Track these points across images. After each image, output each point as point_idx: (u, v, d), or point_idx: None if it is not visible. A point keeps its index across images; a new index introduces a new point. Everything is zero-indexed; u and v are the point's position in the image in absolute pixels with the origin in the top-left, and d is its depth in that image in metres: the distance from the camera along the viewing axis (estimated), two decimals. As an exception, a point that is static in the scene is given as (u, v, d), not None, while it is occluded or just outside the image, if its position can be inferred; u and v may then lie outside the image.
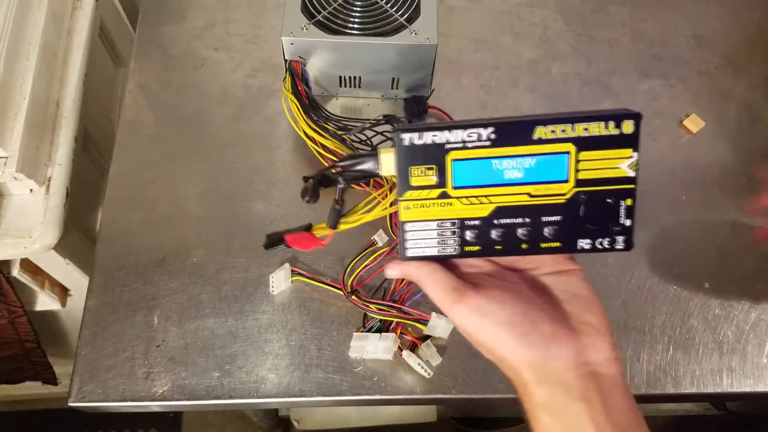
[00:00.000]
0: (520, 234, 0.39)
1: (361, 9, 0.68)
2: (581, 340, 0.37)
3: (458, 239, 0.40)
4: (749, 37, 0.82)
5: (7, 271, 0.75)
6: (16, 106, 0.66)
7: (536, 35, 0.81)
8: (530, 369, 0.36)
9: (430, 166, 0.38)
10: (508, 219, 0.39)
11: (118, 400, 0.58)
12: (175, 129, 0.73)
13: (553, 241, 0.39)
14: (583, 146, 0.38)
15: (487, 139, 0.38)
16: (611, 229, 0.39)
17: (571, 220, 0.39)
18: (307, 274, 0.64)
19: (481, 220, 0.39)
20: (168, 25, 0.79)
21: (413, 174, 0.39)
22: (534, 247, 0.39)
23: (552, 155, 0.38)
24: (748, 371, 0.61)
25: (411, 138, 0.38)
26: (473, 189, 0.39)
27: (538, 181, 0.38)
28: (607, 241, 0.39)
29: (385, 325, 0.61)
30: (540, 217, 0.39)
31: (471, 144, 0.38)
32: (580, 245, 0.39)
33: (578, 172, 0.38)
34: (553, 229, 0.39)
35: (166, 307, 0.62)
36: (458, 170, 0.38)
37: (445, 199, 0.39)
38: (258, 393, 0.59)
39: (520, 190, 0.39)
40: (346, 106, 0.74)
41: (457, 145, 0.38)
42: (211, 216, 0.68)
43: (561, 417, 0.35)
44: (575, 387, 0.35)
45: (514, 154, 0.38)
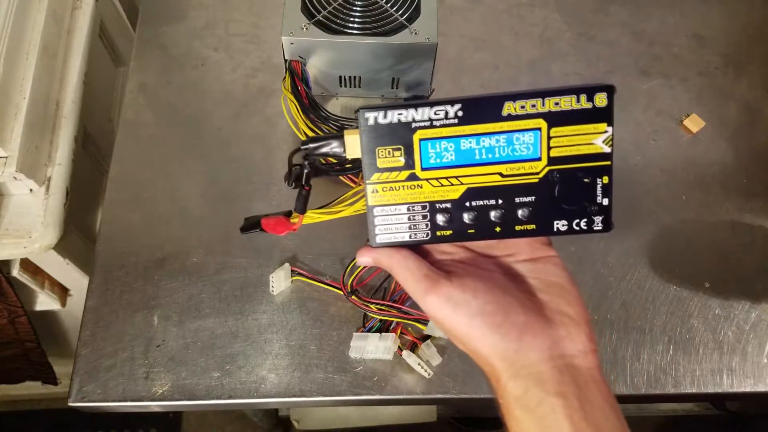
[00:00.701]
0: (493, 216, 0.38)
1: (361, 9, 0.68)
2: (556, 331, 0.36)
3: (429, 224, 0.38)
4: (749, 37, 0.82)
5: (7, 271, 0.75)
6: (16, 106, 0.66)
7: (536, 35, 0.81)
8: (503, 361, 0.35)
9: (396, 146, 0.37)
10: (480, 201, 0.38)
11: (118, 400, 0.58)
12: (175, 129, 0.73)
13: (528, 223, 0.38)
14: (555, 122, 0.36)
15: (455, 117, 0.36)
16: (588, 209, 0.37)
17: (545, 201, 0.37)
18: (307, 274, 0.64)
19: (452, 203, 0.38)
20: (168, 25, 0.79)
21: (380, 155, 0.37)
22: (508, 230, 0.38)
23: (522, 131, 0.36)
24: (748, 371, 0.61)
25: (376, 117, 0.36)
26: (442, 170, 0.37)
27: (509, 159, 0.37)
28: (584, 222, 0.38)
29: (385, 325, 0.61)
30: (513, 198, 0.37)
31: (438, 122, 0.36)
32: (556, 227, 0.38)
33: (551, 149, 0.37)
34: (527, 211, 0.38)
35: (166, 307, 0.62)
36: (426, 150, 0.37)
37: (414, 181, 0.38)
38: (258, 393, 0.59)
39: (491, 170, 0.37)
40: (346, 106, 0.74)
41: (423, 123, 0.36)
42: (211, 216, 0.68)
43: (535, 413, 0.34)
44: (550, 380, 0.34)
45: (483, 132, 0.36)
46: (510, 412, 0.35)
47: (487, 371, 0.37)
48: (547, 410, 0.34)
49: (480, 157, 0.37)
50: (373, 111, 0.36)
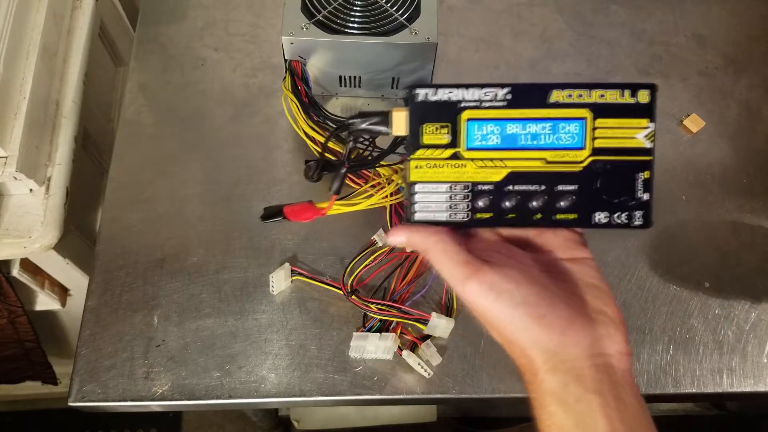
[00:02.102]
0: (534, 203, 0.38)
1: (361, 8, 0.68)
2: (597, 330, 0.35)
3: (469, 204, 0.38)
4: (750, 37, 0.82)
5: (7, 271, 0.75)
6: (16, 105, 0.66)
7: (536, 35, 0.80)
8: (544, 354, 0.35)
9: (443, 124, 0.37)
10: (522, 186, 0.38)
11: (118, 400, 0.58)
12: (175, 129, 0.73)
13: (569, 213, 0.38)
14: (600, 113, 0.37)
15: (503, 100, 0.37)
16: (628, 203, 0.38)
17: (587, 191, 0.38)
18: (307, 273, 0.64)
19: (494, 185, 0.38)
20: (168, 25, 0.79)
21: (425, 131, 0.37)
22: (548, 218, 0.38)
23: (567, 120, 0.37)
24: (748, 371, 0.61)
25: (426, 93, 0.37)
26: (487, 151, 0.37)
27: (553, 146, 0.37)
28: (624, 216, 0.38)
29: (385, 325, 0.61)
30: (555, 186, 0.38)
31: (486, 104, 0.37)
32: (596, 219, 0.38)
33: (595, 140, 0.37)
34: (568, 200, 0.38)
35: (166, 307, 0.62)
36: (472, 130, 0.37)
37: (458, 160, 0.38)
38: (258, 393, 0.59)
39: (535, 155, 0.37)
40: (346, 105, 0.74)
41: (472, 103, 0.37)
42: (211, 216, 0.68)
43: (573, 408, 0.34)
44: (589, 378, 0.34)
45: (530, 117, 0.37)
46: (544, 407, 0.35)
47: (523, 364, 0.36)
48: (585, 407, 0.33)
49: (525, 142, 0.37)
50: (424, 88, 0.37)
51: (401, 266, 0.63)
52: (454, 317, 0.61)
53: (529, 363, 0.35)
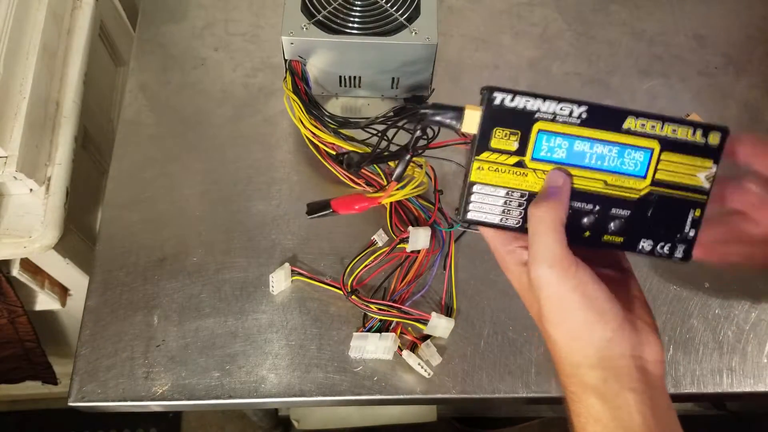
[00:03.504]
0: (585, 221, 0.39)
1: (361, 8, 0.68)
2: (640, 335, 0.37)
3: (523, 212, 0.39)
4: (750, 37, 0.82)
5: (7, 271, 0.75)
6: (16, 105, 0.66)
7: (536, 35, 0.81)
8: (592, 349, 0.36)
9: (514, 131, 0.38)
10: (577, 203, 0.39)
11: (118, 399, 0.58)
12: (175, 129, 0.73)
13: (617, 236, 0.39)
14: (668, 147, 0.38)
15: (578, 117, 0.37)
16: (675, 236, 0.39)
17: (638, 218, 0.39)
18: (307, 273, 0.64)
19: None
20: (168, 25, 0.79)
21: (495, 135, 0.38)
22: (596, 237, 0.39)
23: (636, 148, 0.38)
24: (748, 371, 0.61)
25: (503, 98, 0.38)
26: (550, 164, 0.38)
27: (616, 171, 0.38)
28: (668, 247, 0.40)
29: (385, 325, 0.61)
30: (609, 209, 0.39)
31: (561, 118, 0.38)
32: (641, 245, 0.39)
33: (657, 172, 0.38)
34: (619, 224, 0.39)
35: (166, 307, 0.62)
36: (540, 142, 0.38)
37: (521, 168, 0.38)
38: (258, 393, 0.59)
39: (596, 176, 0.38)
40: (346, 105, 0.74)
41: (546, 116, 0.38)
42: (211, 216, 0.68)
43: (611, 403, 0.36)
44: (628, 376, 0.36)
45: (599, 138, 0.38)
46: (582, 400, 0.37)
47: (565, 356, 0.38)
48: (623, 402, 0.36)
49: (589, 161, 0.38)
50: (502, 92, 0.38)
51: (401, 266, 0.63)
52: (454, 317, 0.61)
53: (574, 356, 0.37)
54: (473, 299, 0.63)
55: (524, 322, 0.62)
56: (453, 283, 0.63)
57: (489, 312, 0.62)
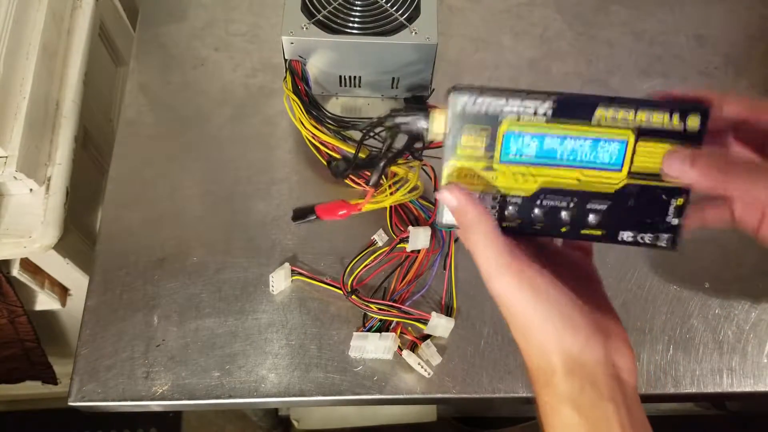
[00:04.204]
0: (562, 216, 0.38)
1: (361, 8, 0.68)
2: (612, 343, 0.36)
3: (497, 214, 0.38)
4: (750, 37, 0.82)
5: (7, 271, 0.75)
6: (16, 105, 0.66)
7: (536, 35, 0.80)
8: (565, 357, 0.34)
9: (480, 133, 0.37)
10: (552, 200, 0.37)
11: (118, 399, 0.58)
12: (175, 129, 0.73)
13: (596, 229, 0.38)
14: (644, 134, 0.36)
15: (544, 114, 0.36)
16: (658, 225, 0.37)
17: (617, 210, 0.37)
18: (307, 273, 0.64)
19: (523, 199, 0.37)
20: (168, 25, 0.79)
21: (463, 138, 0.37)
22: (574, 231, 0.38)
23: (609, 140, 0.36)
24: (748, 371, 0.61)
25: (465, 102, 0.36)
26: (521, 166, 0.37)
27: (591, 165, 0.36)
28: (649, 237, 0.38)
29: (385, 325, 0.61)
30: (586, 203, 0.37)
31: (527, 117, 0.36)
32: (621, 237, 0.38)
33: (633, 163, 0.36)
34: (597, 217, 0.37)
35: (166, 307, 0.62)
36: (508, 143, 0.36)
37: (491, 171, 0.37)
38: (258, 393, 0.59)
39: (569, 173, 0.37)
40: (346, 105, 0.74)
41: (512, 115, 0.36)
42: (211, 216, 0.68)
43: (588, 414, 0.34)
44: (604, 386, 0.34)
45: (570, 133, 0.36)
46: (556, 410, 0.35)
47: (539, 366, 0.36)
48: (601, 413, 0.34)
49: (561, 158, 0.36)
50: (465, 95, 0.36)
51: (401, 266, 0.63)
52: (454, 317, 0.61)
53: (547, 365, 0.35)
54: (473, 299, 0.62)
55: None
56: (453, 282, 0.63)
57: (489, 312, 0.62)
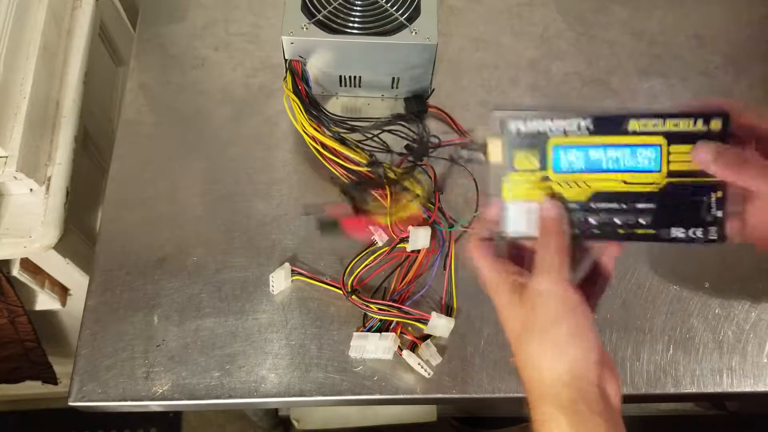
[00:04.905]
0: (617, 219, 0.42)
1: (362, 8, 0.68)
2: (605, 370, 0.39)
3: None
4: (750, 37, 0.82)
5: (7, 271, 0.75)
6: (16, 105, 0.66)
7: (536, 35, 0.80)
8: (570, 365, 0.38)
9: (532, 150, 0.41)
10: (605, 204, 0.41)
11: (118, 399, 0.58)
12: (175, 129, 0.73)
13: (649, 228, 0.41)
14: (674, 140, 0.40)
15: (586, 129, 0.41)
16: (704, 219, 0.41)
17: (664, 209, 0.41)
18: (307, 273, 0.64)
19: (579, 204, 0.42)
20: (168, 25, 0.79)
21: (517, 158, 0.42)
22: (630, 233, 0.42)
23: (645, 146, 0.41)
24: (748, 371, 0.61)
25: (516, 125, 0.41)
26: (572, 174, 0.41)
27: (633, 169, 0.41)
28: (700, 231, 0.41)
29: (385, 325, 0.61)
30: (635, 204, 0.41)
31: (571, 133, 0.41)
32: (674, 234, 0.41)
33: (669, 164, 0.40)
34: (648, 217, 0.41)
35: (166, 307, 0.62)
36: (558, 156, 0.41)
37: (546, 182, 0.42)
38: (258, 393, 0.59)
39: (615, 177, 0.41)
40: (346, 105, 0.74)
41: (558, 132, 0.41)
42: (211, 216, 0.68)
43: (582, 426, 0.37)
44: (595, 403, 0.37)
45: (610, 143, 0.41)
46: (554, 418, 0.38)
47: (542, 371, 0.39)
48: (593, 426, 0.37)
49: (606, 165, 0.41)
50: (515, 120, 0.41)
51: (401, 266, 0.63)
52: (454, 317, 0.61)
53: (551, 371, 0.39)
54: (473, 299, 0.62)
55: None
56: (453, 282, 0.63)
57: (489, 311, 0.62)
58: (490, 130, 0.42)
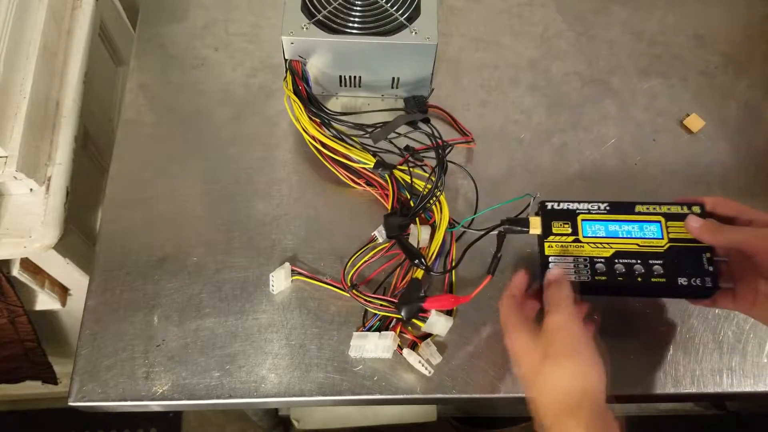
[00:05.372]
0: (636, 269, 0.54)
1: (362, 8, 0.68)
2: None
3: (589, 270, 0.55)
4: (750, 37, 0.82)
5: (7, 271, 0.75)
6: (16, 105, 0.66)
7: (536, 35, 0.80)
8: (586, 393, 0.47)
9: (566, 222, 0.57)
10: (625, 259, 0.55)
11: (118, 399, 0.58)
12: (175, 129, 0.73)
13: (660, 278, 0.54)
14: (670, 218, 0.56)
15: (605, 210, 0.57)
16: (700, 272, 0.54)
17: (671, 264, 0.54)
18: (307, 273, 0.64)
19: (605, 259, 0.55)
20: (168, 25, 0.79)
21: (554, 226, 0.56)
22: (646, 281, 0.54)
23: (650, 222, 0.56)
24: (748, 371, 0.61)
25: (553, 205, 0.57)
26: (597, 238, 0.56)
27: (642, 237, 0.56)
28: (699, 280, 0.54)
29: (385, 324, 0.61)
30: (648, 260, 0.55)
31: (594, 211, 0.57)
32: (680, 282, 0.54)
33: (669, 233, 0.55)
34: (659, 269, 0.54)
35: (166, 307, 0.62)
36: (586, 226, 0.56)
37: (578, 243, 0.56)
38: (258, 393, 0.59)
39: (631, 242, 0.56)
40: (346, 105, 0.74)
41: (584, 211, 0.57)
42: (211, 216, 0.68)
43: None
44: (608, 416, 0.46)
45: (623, 219, 0.56)
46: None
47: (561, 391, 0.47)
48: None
49: (622, 234, 0.56)
50: (551, 202, 0.57)
51: (401, 265, 0.63)
52: (453, 316, 0.61)
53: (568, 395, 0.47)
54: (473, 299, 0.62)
55: (524, 321, 0.62)
56: (453, 282, 0.63)
57: (489, 311, 0.62)
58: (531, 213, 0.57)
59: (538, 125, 0.74)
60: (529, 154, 0.72)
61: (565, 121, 0.74)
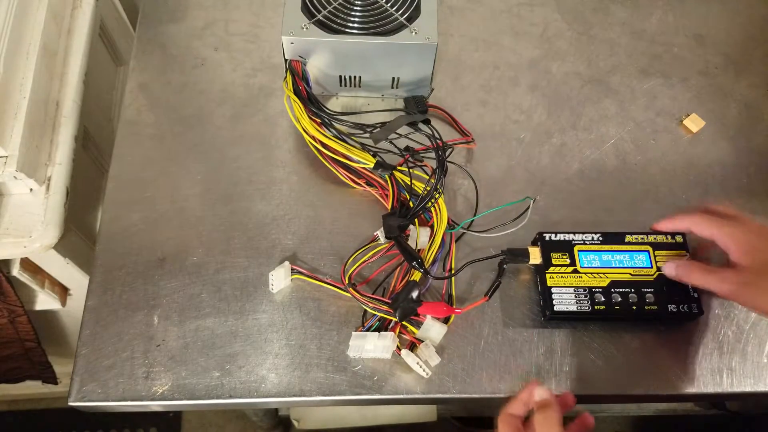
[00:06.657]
0: (630, 299, 0.59)
1: (362, 8, 0.68)
2: None
3: (589, 301, 0.59)
4: (750, 37, 0.82)
5: (7, 271, 0.76)
6: (16, 105, 0.66)
7: (536, 34, 0.81)
8: None
9: (564, 253, 0.61)
10: (620, 288, 0.59)
11: (118, 399, 0.58)
12: (175, 129, 0.73)
13: (653, 305, 0.59)
14: (657, 248, 0.61)
15: (598, 240, 0.61)
16: (687, 299, 0.59)
17: (660, 292, 0.59)
18: (307, 272, 0.64)
19: (602, 288, 0.59)
20: (168, 25, 0.79)
21: (553, 257, 0.60)
22: (640, 309, 0.59)
23: (639, 252, 0.61)
24: (748, 371, 0.61)
25: (550, 236, 0.61)
26: (594, 268, 0.60)
27: (633, 266, 0.60)
28: (686, 306, 0.59)
29: (384, 324, 0.61)
30: (641, 288, 0.59)
31: (588, 242, 0.61)
32: (670, 308, 0.59)
33: (657, 262, 0.60)
34: (651, 297, 0.59)
35: (166, 307, 0.62)
36: (582, 257, 0.61)
37: (576, 273, 0.60)
38: (258, 393, 0.59)
39: (624, 271, 0.60)
40: (346, 105, 0.74)
41: (579, 242, 0.61)
42: (211, 216, 0.68)
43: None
44: None
45: (615, 249, 0.61)
46: None
47: None
48: None
49: (615, 264, 0.60)
50: (549, 233, 0.61)
51: (401, 265, 0.63)
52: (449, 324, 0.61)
53: None
54: (473, 299, 0.62)
55: (523, 321, 0.62)
56: (453, 282, 0.63)
57: (489, 312, 0.62)
58: (530, 243, 0.62)
59: (538, 125, 0.74)
60: (529, 154, 0.72)
61: (565, 121, 0.74)
